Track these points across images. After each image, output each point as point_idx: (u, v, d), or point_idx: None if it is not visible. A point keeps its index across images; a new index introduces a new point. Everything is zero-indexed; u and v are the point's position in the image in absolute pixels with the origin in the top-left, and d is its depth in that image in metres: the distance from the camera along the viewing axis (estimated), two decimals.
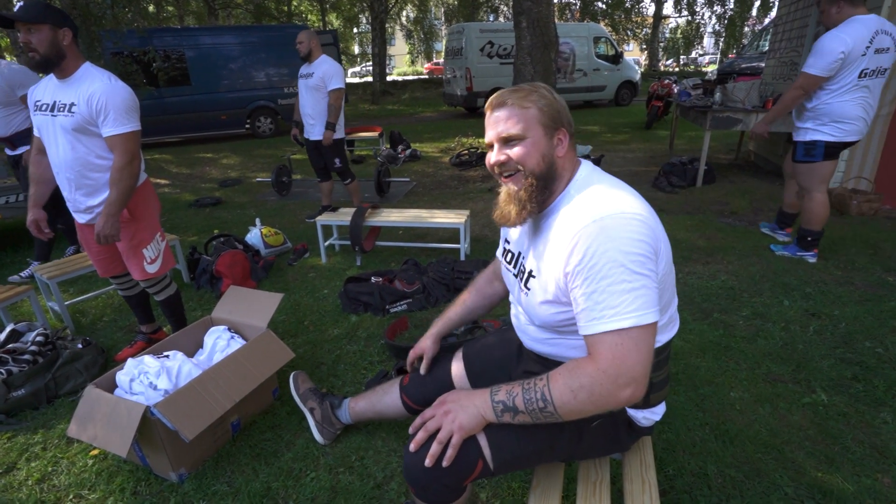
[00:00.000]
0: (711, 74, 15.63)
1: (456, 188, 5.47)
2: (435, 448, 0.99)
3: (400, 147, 7.39)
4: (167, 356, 1.86)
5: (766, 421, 1.77)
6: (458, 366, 1.39)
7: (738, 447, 1.65)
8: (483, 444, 1.02)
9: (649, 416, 1.13)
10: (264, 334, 1.97)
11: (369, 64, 33.48)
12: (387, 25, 21.91)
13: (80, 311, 2.91)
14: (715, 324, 2.42)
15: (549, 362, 1.13)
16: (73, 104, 1.78)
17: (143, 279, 2.11)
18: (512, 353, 1.32)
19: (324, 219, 3.47)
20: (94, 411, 1.56)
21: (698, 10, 25.02)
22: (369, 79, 25.96)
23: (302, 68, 3.88)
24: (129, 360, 1.79)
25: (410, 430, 1.06)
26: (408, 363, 1.47)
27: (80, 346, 2.25)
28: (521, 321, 1.20)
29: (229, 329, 2.09)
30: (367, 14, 22.87)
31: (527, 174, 1.01)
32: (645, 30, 25.76)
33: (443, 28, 29.13)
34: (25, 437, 1.87)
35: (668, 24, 30.75)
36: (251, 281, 3.14)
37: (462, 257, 3.31)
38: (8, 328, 2.20)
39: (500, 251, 1.31)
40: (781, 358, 2.12)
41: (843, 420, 1.75)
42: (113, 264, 2.16)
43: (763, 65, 6.92)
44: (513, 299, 1.25)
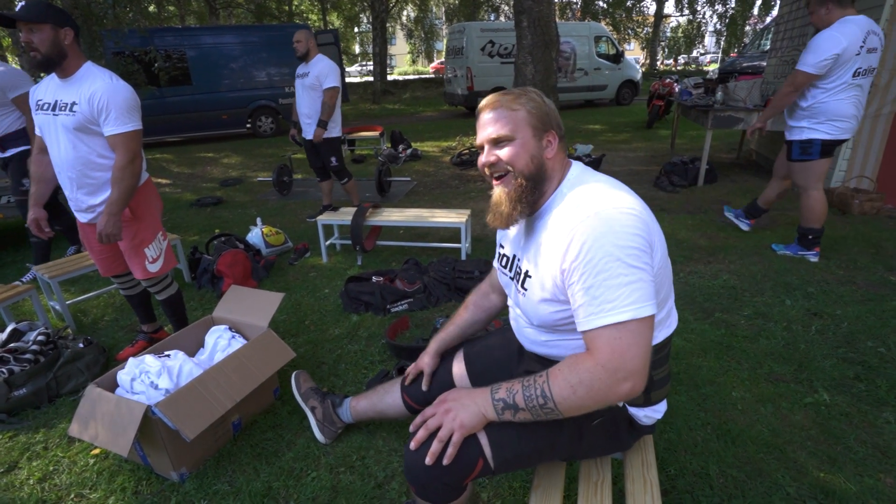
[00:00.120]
0: (713, 73, 15.61)
1: (457, 188, 5.47)
2: (435, 446, 0.99)
3: (401, 146, 7.39)
4: (168, 355, 1.86)
5: (768, 421, 1.76)
6: (459, 366, 1.39)
7: (739, 447, 1.65)
8: (484, 442, 1.02)
9: (651, 414, 1.13)
10: (265, 334, 1.97)
11: (369, 63, 33.54)
12: (387, 25, 21.92)
13: (81, 311, 2.92)
14: (717, 323, 2.41)
15: (549, 363, 1.13)
16: (74, 103, 1.78)
17: (144, 278, 2.12)
18: (513, 352, 1.32)
19: (325, 218, 3.47)
20: (96, 411, 1.56)
21: (699, 8, 25.00)
22: (370, 78, 25.98)
23: (299, 68, 3.87)
24: (131, 360, 1.79)
25: (411, 428, 1.06)
26: (407, 380, 1.48)
27: (81, 345, 2.26)
28: (520, 324, 1.20)
29: (230, 328, 2.10)
30: (367, 13, 22.88)
31: (516, 175, 1.02)
32: (646, 29, 25.74)
33: (444, 27, 29.13)
34: (27, 437, 1.88)
35: (668, 24, 30.71)
36: (252, 280, 3.14)
37: (463, 257, 3.31)
38: (9, 327, 2.20)
39: (496, 259, 1.31)
40: (783, 357, 2.12)
41: (845, 420, 1.75)
42: (115, 263, 2.16)
43: (765, 64, 6.90)
44: (511, 302, 1.25)
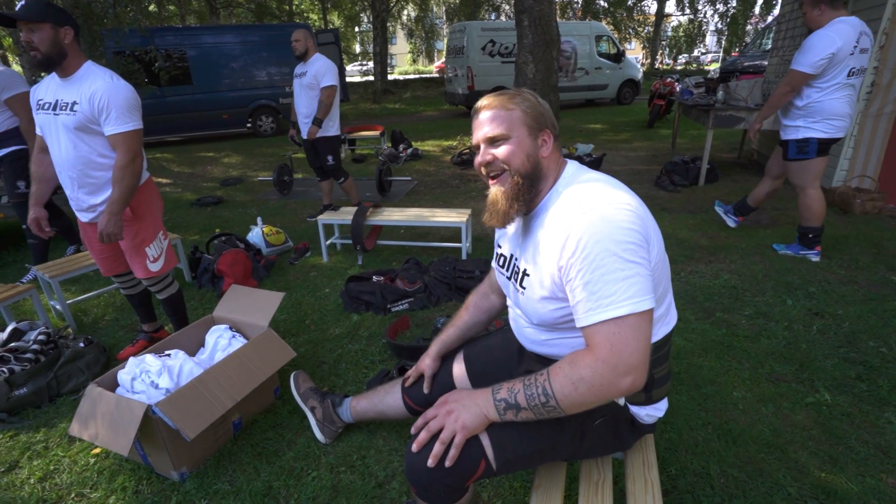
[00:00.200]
0: (714, 73, 15.59)
1: (457, 187, 5.47)
2: (438, 448, 0.98)
3: (401, 146, 7.38)
4: (168, 355, 1.86)
5: (769, 421, 1.76)
6: (459, 367, 1.39)
7: (740, 447, 1.64)
8: (486, 443, 1.02)
9: (652, 412, 1.13)
10: (266, 333, 1.97)
11: (367, 63, 33.50)
12: (388, 24, 21.90)
13: (81, 310, 2.92)
14: (717, 323, 2.41)
15: (550, 362, 1.12)
16: (75, 103, 1.78)
17: (145, 277, 2.12)
18: (513, 352, 1.32)
19: (325, 218, 3.47)
20: (96, 410, 1.56)
21: (701, 7, 24.95)
22: (370, 77, 25.96)
23: (297, 68, 3.86)
24: (131, 359, 1.80)
25: (412, 430, 1.05)
26: (407, 383, 1.48)
27: (81, 344, 2.26)
28: (520, 323, 1.20)
29: (231, 328, 2.10)
30: (368, 13, 22.88)
31: (512, 173, 1.03)
32: (647, 28, 25.70)
33: (444, 27, 29.09)
34: (27, 436, 1.88)
35: (669, 23, 30.66)
36: (252, 280, 3.14)
37: (464, 256, 3.31)
38: (10, 327, 2.21)
39: (493, 260, 1.31)
40: (785, 357, 2.12)
41: (846, 420, 1.74)
42: (116, 263, 2.17)
43: (766, 63, 6.89)
44: (510, 302, 1.25)
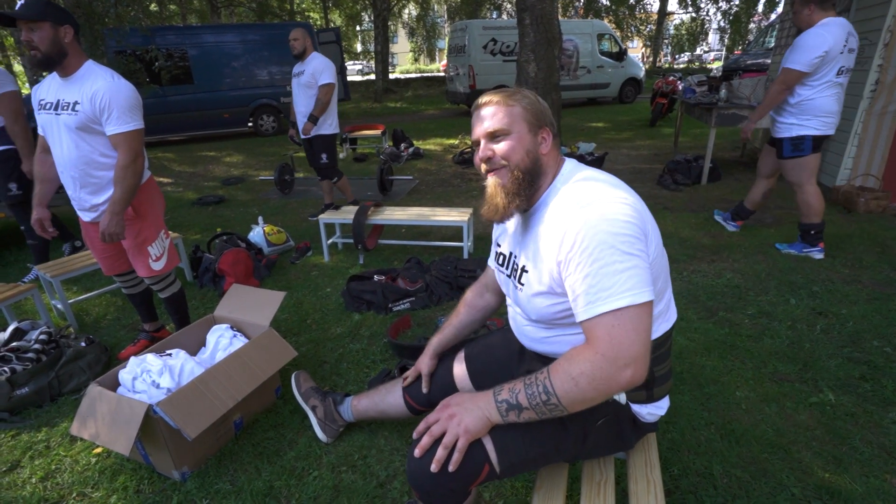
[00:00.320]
0: (717, 71, 15.53)
1: (459, 186, 5.46)
2: (441, 453, 0.98)
3: (403, 145, 7.37)
4: (170, 354, 1.86)
5: (772, 420, 1.75)
6: (460, 367, 1.38)
7: (744, 447, 1.64)
8: (489, 447, 1.01)
9: (654, 411, 1.12)
10: (267, 333, 1.96)
11: (369, 62, 33.42)
12: (389, 23, 21.87)
13: (83, 310, 2.92)
14: (720, 322, 2.40)
15: (551, 361, 1.12)
16: (76, 102, 1.78)
17: (148, 276, 2.12)
18: (514, 352, 1.31)
19: (326, 217, 3.47)
20: (97, 409, 1.56)
21: (703, 5, 24.83)
22: (371, 77, 25.93)
23: (295, 67, 3.85)
24: (132, 359, 1.80)
25: (414, 434, 1.05)
26: (405, 383, 1.48)
27: (83, 344, 2.26)
28: (519, 321, 1.19)
29: (232, 327, 2.09)
30: (369, 12, 22.82)
31: (512, 168, 1.03)
32: (649, 26, 25.61)
33: (446, 25, 29.06)
34: (29, 435, 1.88)
35: (672, 21, 30.57)
36: (254, 279, 3.14)
37: (465, 255, 3.30)
38: (11, 326, 2.21)
39: (491, 258, 1.30)
40: (788, 357, 2.10)
41: (850, 420, 1.73)
42: (118, 262, 2.17)
43: (769, 61, 6.86)
44: (510, 301, 1.24)
